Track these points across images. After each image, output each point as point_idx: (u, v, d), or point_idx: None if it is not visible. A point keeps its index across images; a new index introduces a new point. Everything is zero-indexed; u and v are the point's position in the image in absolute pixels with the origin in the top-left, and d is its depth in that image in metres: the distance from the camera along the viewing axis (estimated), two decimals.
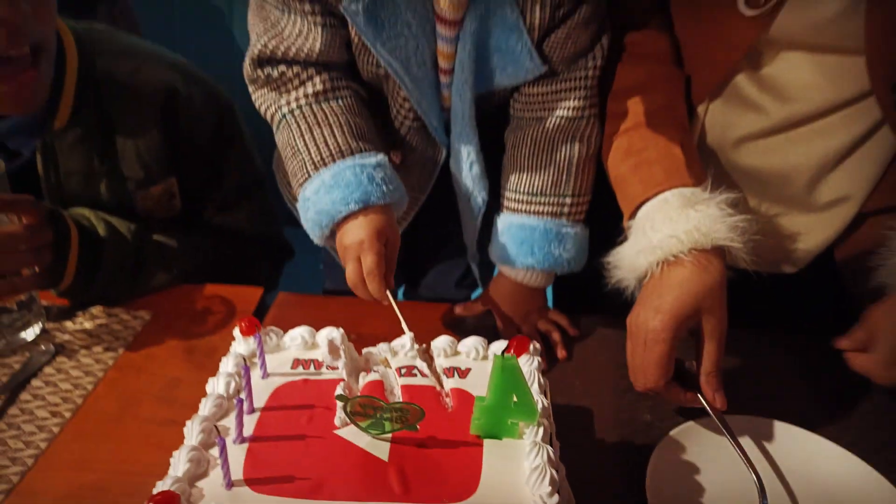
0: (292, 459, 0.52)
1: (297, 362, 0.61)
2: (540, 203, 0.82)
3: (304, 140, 0.75)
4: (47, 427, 0.70)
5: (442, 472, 0.51)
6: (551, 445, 0.53)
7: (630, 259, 0.70)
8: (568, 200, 0.81)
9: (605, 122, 0.80)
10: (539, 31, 0.75)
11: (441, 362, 0.62)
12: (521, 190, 0.82)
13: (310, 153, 0.75)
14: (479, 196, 0.85)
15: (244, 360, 0.57)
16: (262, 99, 0.80)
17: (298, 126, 0.76)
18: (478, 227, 0.89)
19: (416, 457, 0.52)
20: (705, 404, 0.66)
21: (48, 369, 0.78)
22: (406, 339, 0.63)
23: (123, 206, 0.90)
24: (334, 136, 0.75)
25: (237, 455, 0.52)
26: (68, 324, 0.85)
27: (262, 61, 0.78)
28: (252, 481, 0.50)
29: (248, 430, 0.54)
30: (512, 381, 0.53)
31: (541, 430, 0.53)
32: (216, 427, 0.51)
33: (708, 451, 0.67)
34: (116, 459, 0.67)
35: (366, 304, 0.87)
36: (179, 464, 0.50)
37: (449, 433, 0.54)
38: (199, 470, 0.50)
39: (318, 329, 0.66)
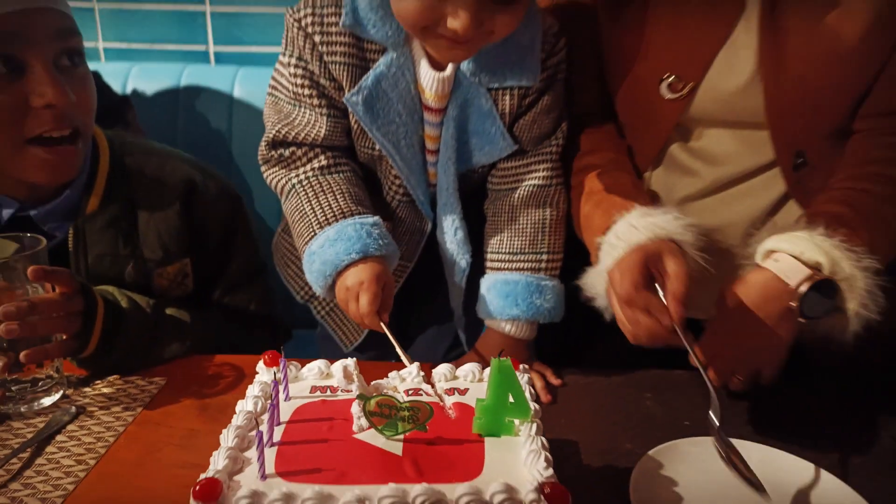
0: (318, 457, 0.59)
1: (314, 388, 0.69)
2: (520, 260, 0.93)
3: (310, 205, 0.88)
4: (73, 472, 0.75)
5: (450, 461, 0.58)
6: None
7: (600, 268, 0.81)
8: (544, 257, 0.93)
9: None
10: (510, 117, 0.90)
11: (442, 385, 0.70)
12: (503, 251, 0.94)
13: (316, 215, 0.87)
14: (464, 259, 0.96)
15: (274, 375, 0.64)
16: (274, 174, 0.94)
17: (306, 193, 0.90)
18: (463, 290, 1.00)
19: (426, 451, 0.60)
20: (679, 334, 0.74)
21: (71, 426, 0.83)
22: (413, 368, 0.71)
23: (142, 283, 1.00)
24: (337, 201, 0.88)
25: (269, 455, 0.58)
26: (87, 390, 0.91)
27: (275, 144, 0.92)
28: (284, 473, 0.56)
29: (276, 438, 0.61)
30: (508, 382, 0.61)
31: (534, 425, 0.61)
32: (256, 420, 0.58)
33: (685, 465, 0.74)
34: (141, 497, 0.72)
35: (367, 365, 0.96)
36: (219, 460, 0.57)
37: (454, 434, 0.62)
38: (235, 467, 0.57)
39: None
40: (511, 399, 0.62)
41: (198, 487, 0.53)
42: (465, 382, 0.71)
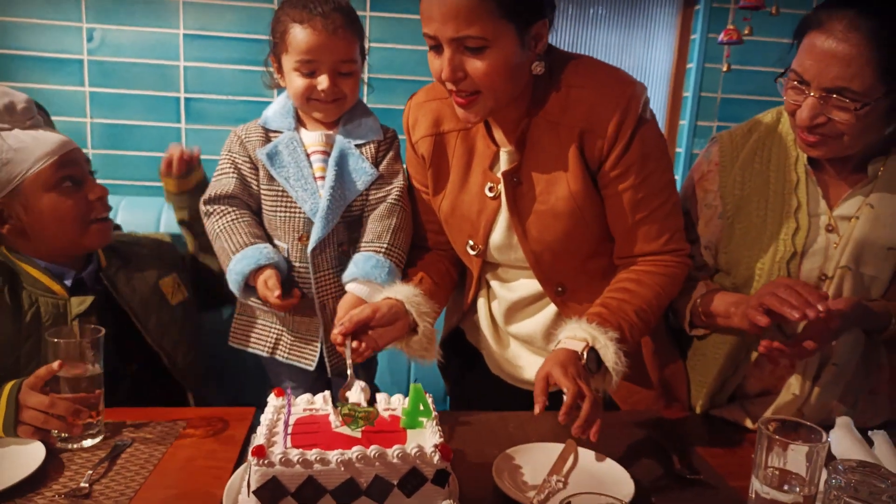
0: (314, 440, 1.04)
1: (305, 409, 1.15)
2: (377, 245, 1.51)
3: (229, 243, 1.49)
4: (140, 475, 1.16)
5: (387, 438, 1.05)
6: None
7: None
8: (385, 245, 1.50)
9: None
10: (372, 159, 1.55)
11: (381, 407, 1.17)
12: (366, 240, 1.53)
13: (233, 247, 1.47)
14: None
15: (289, 389, 1.10)
16: (208, 225, 1.54)
17: (225, 235, 1.51)
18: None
19: (374, 436, 1.07)
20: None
21: (128, 451, 1.24)
22: (357, 390, 1.18)
23: (157, 293, 1.53)
24: (242, 238, 1.48)
25: (286, 439, 1.04)
26: (132, 431, 1.31)
27: (206, 202, 1.54)
28: (297, 446, 1.02)
29: (288, 432, 1.06)
30: (420, 398, 1.10)
31: (434, 421, 1.09)
32: (289, 390, 1.04)
33: (526, 456, 1.23)
34: (188, 484, 1.14)
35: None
36: (259, 437, 1.02)
37: (389, 428, 1.09)
38: (269, 444, 1.02)
39: None
40: (421, 407, 1.10)
41: (253, 450, 0.98)
42: (395, 405, 1.19)
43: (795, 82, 1.24)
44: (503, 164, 1.37)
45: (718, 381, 1.45)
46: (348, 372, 1.25)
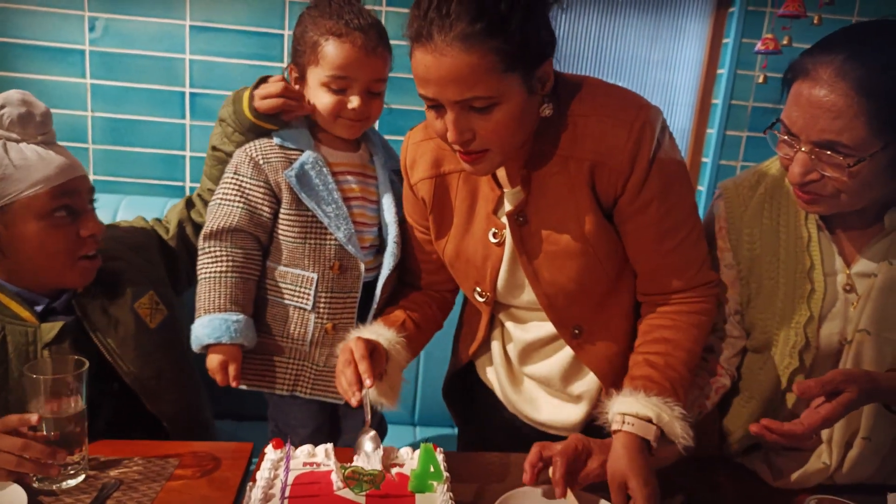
0: None
1: (305, 463, 1.06)
2: None
3: (206, 295, 1.38)
4: None
5: None
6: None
7: None
8: None
9: None
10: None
11: (388, 461, 1.09)
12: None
13: (207, 304, 1.37)
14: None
15: (289, 441, 1.01)
16: (200, 263, 1.41)
17: (206, 286, 1.39)
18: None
19: (379, 502, 0.98)
20: None
21: (116, 493, 1.15)
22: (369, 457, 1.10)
23: (133, 317, 1.40)
24: (220, 299, 1.37)
25: None
26: (121, 468, 1.23)
27: (205, 237, 1.41)
28: None
29: (286, 494, 0.97)
30: (430, 458, 1.01)
31: (445, 485, 1.00)
32: (288, 442, 0.95)
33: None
34: None
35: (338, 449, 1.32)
36: (255, 503, 0.93)
37: (397, 491, 1.01)
38: None
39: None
40: (431, 469, 1.01)
41: None
42: (403, 459, 1.10)
43: (786, 136, 1.13)
44: (507, 204, 1.27)
45: (746, 432, 1.34)
46: (367, 418, 1.15)
